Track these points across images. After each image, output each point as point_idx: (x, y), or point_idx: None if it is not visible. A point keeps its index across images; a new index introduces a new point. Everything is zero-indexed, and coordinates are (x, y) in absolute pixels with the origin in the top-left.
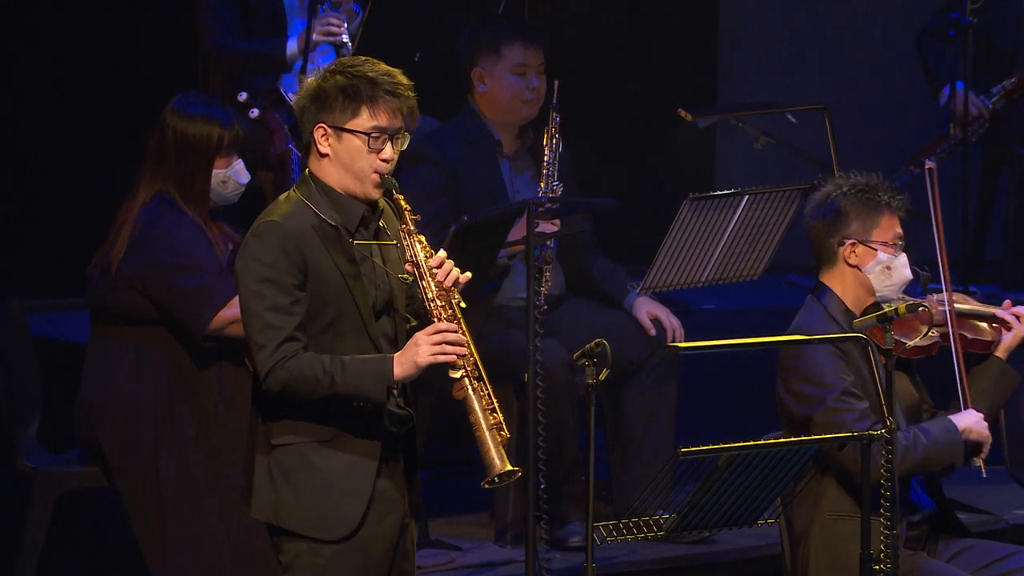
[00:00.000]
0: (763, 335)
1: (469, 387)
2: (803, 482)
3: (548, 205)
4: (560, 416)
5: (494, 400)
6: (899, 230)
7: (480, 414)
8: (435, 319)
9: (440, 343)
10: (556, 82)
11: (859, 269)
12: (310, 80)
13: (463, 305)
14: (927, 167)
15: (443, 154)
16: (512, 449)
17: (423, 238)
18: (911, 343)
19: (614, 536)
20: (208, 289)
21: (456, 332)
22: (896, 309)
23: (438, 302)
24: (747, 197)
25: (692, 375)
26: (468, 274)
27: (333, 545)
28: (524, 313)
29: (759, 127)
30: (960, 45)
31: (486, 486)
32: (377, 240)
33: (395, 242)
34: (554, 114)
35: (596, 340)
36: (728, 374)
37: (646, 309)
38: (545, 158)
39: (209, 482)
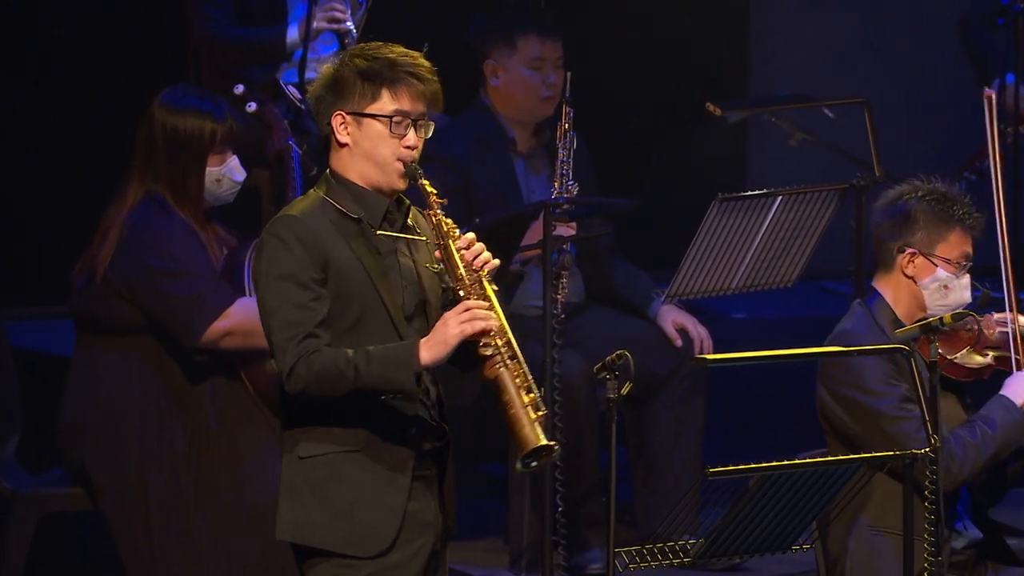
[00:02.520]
0: (798, 346)
1: (501, 364)
2: (841, 504)
3: (565, 206)
4: (579, 433)
5: (530, 379)
6: (968, 250)
7: (514, 391)
8: (463, 298)
9: (470, 318)
10: (568, 74)
11: (914, 281)
12: (325, 68)
13: (495, 288)
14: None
15: (452, 152)
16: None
17: (450, 221)
18: (953, 357)
19: (637, 563)
20: (201, 298)
21: (486, 307)
22: (941, 319)
23: (467, 282)
24: (780, 198)
25: (721, 390)
26: (497, 261)
27: (369, 562)
28: (540, 323)
29: (794, 122)
30: (1010, 34)
31: (519, 468)
32: (407, 234)
33: (425, 238)
34: (567, 108)
35: (618, 352)
36: (760, 388)
37: (672, 318)
38: (559, 155)
39: (201, 504)
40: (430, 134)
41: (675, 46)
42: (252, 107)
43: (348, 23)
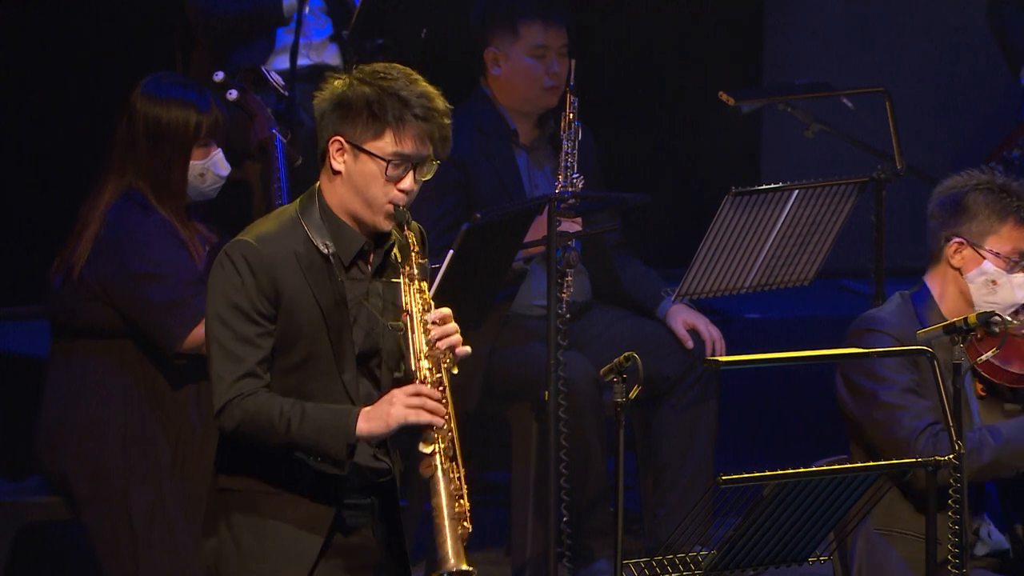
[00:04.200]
0: (815, 348)
1: (439, 467)
2: (861, 513)
3: (571, 201)
4: (585, 439)
5: (464, 487)
6: (1022, 246)
7: (444, 499)
8: (418, 380)
9: (418, 406)
10: (572, 61)
11: (960, 274)
12: (336, 82)
13: (455, 372)
14: None
15: (453, 144)
16: (531, 477)
17: (425, 286)
18: (982, 358)
19: (646, 575)
20: (181, 303)
21: (439, 400)
22: (965, 319)
23: (425, 363)
24: (797, 192)
25: (734, 393)
26: (468, 348)
27: None
28: (544, 323)
29: (810, 113)
30: None
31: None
32: (384, 276)
33: (397, 280)
34: (572, 97)
35: (626, 354)
36: (775, 392)
37: (682, 318)
38: (564, 147)
39: (186, 513)
40: (430, 176)
41: (686, 32)
42: (233, 95)
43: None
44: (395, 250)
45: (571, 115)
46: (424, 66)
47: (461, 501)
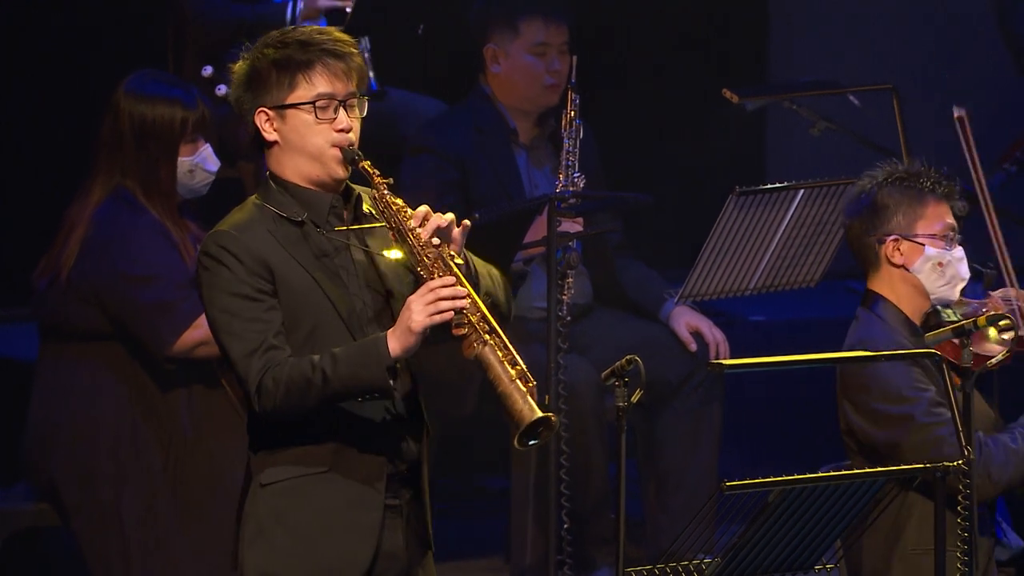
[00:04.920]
0: (821, 351)
1: (480, 342)
2: (870, 519)
3: (571, 201)
4: (586, 445)
5: (512, 350)
6: (950, 220)
7: (499, 367)
8: (427, 280)
9: (435, 300)
10: (574, 58)
11: (906, 269)
12: (238, 64)
13: (458, 260)
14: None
15: (450, 143)
16: (531, 483)
17: (400, 200)
18: (994, 361)
19: None
20: (171, 306)
21: (452, 284)
22: (975, 321)
23: (427, 261)
24: (802, 191)
25: (738, 397)
26: (450, 215)
27: None
28: (544, 325)
29: (816, 110)
30: None
31: (519, 446)
32: (362, 227)
33: (384, 223)
34: (573, 95)
35: (628, 357)
36: (780, 396)
37: (685, 321)
38: (565, 146)
39: (178, 520)
40: (364, 112)
41: (688, 27)
42: (222, 90)
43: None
44: (366, 203)
45: (572, 113)
46: (421, 63)
47: (516, 366)
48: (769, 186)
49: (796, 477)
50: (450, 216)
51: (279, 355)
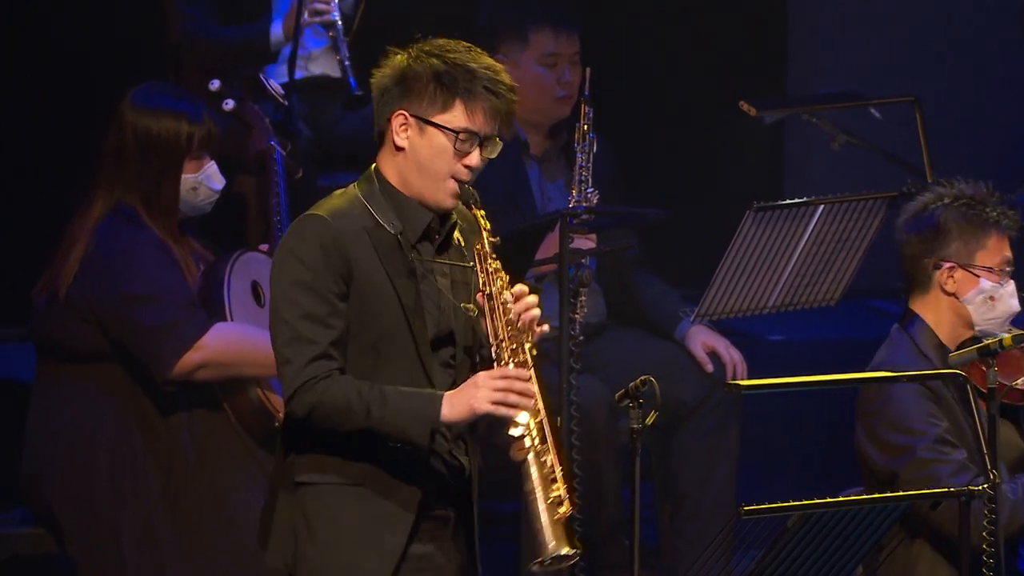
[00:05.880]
0: (841, 371)
1: (531, 450)
2: (889, 547)
3: (584, 216)
4: (600, 468)
5: (558, 468)
6: (1008, 253)
7: (538, 484)
8: (501, 363)
9: (505, 390)
10: (587, 69)
11: (956, 298)
12: (398, 57)
13: (534, 353)
14: None
15: None
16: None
17: (497, 263)
18: (1018, 383)
19: None
20: (172, 327)
21: (526, 381)
22: (1001, 341)
23: (507, 343)
24: (822, 207)
25: (756, 419)
26: (546, 327)
27: None
28: (556, 345)
29: (837, 123)
30: None
31: (535, 569)
32: (445, 257)
33: (470, 264)
34: (586, 108)
35: (642, 377)
36: (799, 418)
37: (702, 340)
38: (578, 160)
39: (179, 547)
40: (495, 154)
41: (705, 38)
42: (229, 104)
43: (333, 14)
44: (457, 233)
45: (586, 126)
46: None
47: (556, 485)
48: (788, 201)
49: (816, 501)
50: (538, 311)
51: (329, 365)
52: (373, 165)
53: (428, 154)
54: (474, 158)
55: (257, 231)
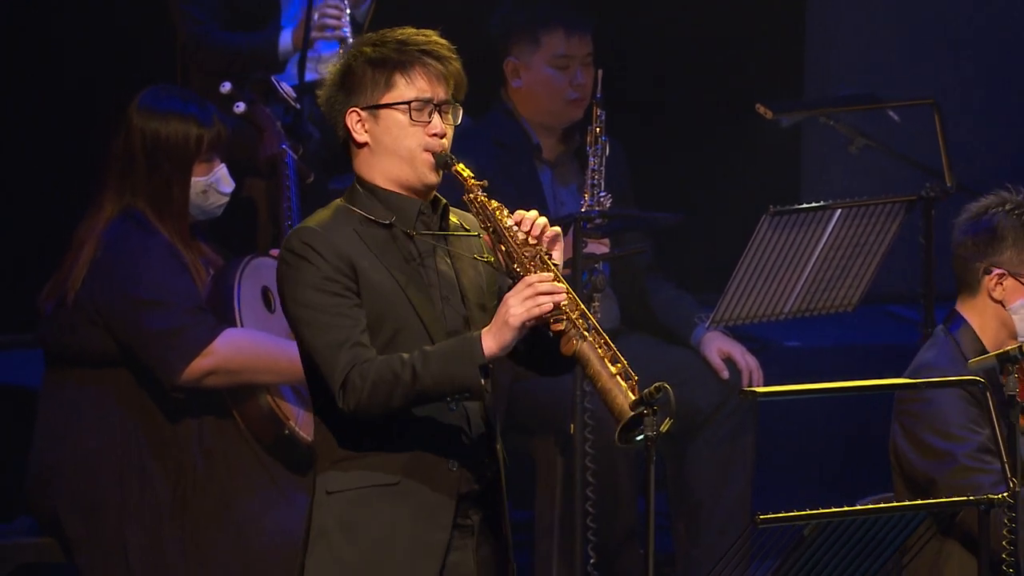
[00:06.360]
0: (859, 378)
1: (579, 337)
2: (910, 555)
3: (597, 221)
4: (614, 476)
5: (613, 347)
6: None
7: (598, 363)
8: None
9: (533, 294)
10: (599, 71)
11: (1003, 306)
12: (331, 65)
13: (557, 262)
14: None
15: (470, 160)
16: (556, 516)
17: (496, 202)
18: None
19: None
20: (181, 332)
21: (550, 279)
22: (1020, 348)
23: (524, 260)
24: (840, 211)
25: (772, 427)
26: (557, 228)
27: None
28: None
29: (854, 126)
30: None
31: (620, 443)
32: (443, 241)
33: (474, 232)
34: (598, 110)
35: (657, 384)
36: (815, 425)
37: (717, 346)
38: (590, 163)
39: (188, 556)
40: (459, 120)
41: (721, 39)
42: (241, 107)
43: (344, 31)
44: (452, 217)
45: (598, 129)
46: None
47: (617, 363)
48: (805, 205)
49: (833, 510)
50: (544, 219)
51: (366, 352)
52: (355, 177)
53: (391, 137)
54: (436, 125)
55: (267, 236)
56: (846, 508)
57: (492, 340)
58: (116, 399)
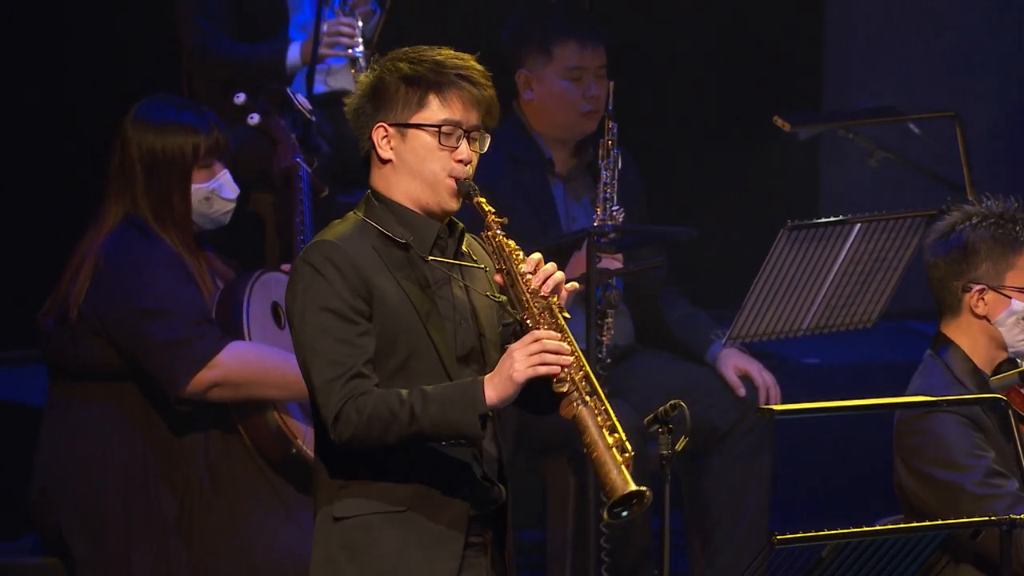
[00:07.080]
0: (878, 395)
1: (580, 402)
2: (935, 570)
3: (611, 235)
4: None
5: (613, 416)
6: None
7: (596, 432)
8: (532, 329)
9: (539, 352)
10: (611, 83)
11: (988, 321)
12: (363, 76)
13: (567, 316)
14: None
15: (482, 174)
16: (569, 536)
17: (513, 243)
18: None
19: None
20: (185, 343)
21: (558, 340)
22: None
23: (535, 311)
24: (859, 226)
25: (790, 445)
26: (574, 284)
27: None
28: None
29: (874, 139)
30: None
31: (607, 519)
32: (457, 269)
33: (483, 266)
34: (610, 123)
35: (672, 401)
36: (834, 444)
37: (734, 363)
38: (602, 177)
39: (192, 573)
40: (486, 148)
41: (738, 52)
42: (255, 119)
43: (356, 50)
44: (466, 243)
45: (610, 142)
46: None
47: (614, 433)
48: (823, 220)
49: (851, 530)
50: (561, 274)
51: (365, 384)
52: (369, 189)
53: (416, 157)
54: (463, 151)
55: (275, 251)
56: (864, 529)
57: (494, 391)
58: (120, 413)
